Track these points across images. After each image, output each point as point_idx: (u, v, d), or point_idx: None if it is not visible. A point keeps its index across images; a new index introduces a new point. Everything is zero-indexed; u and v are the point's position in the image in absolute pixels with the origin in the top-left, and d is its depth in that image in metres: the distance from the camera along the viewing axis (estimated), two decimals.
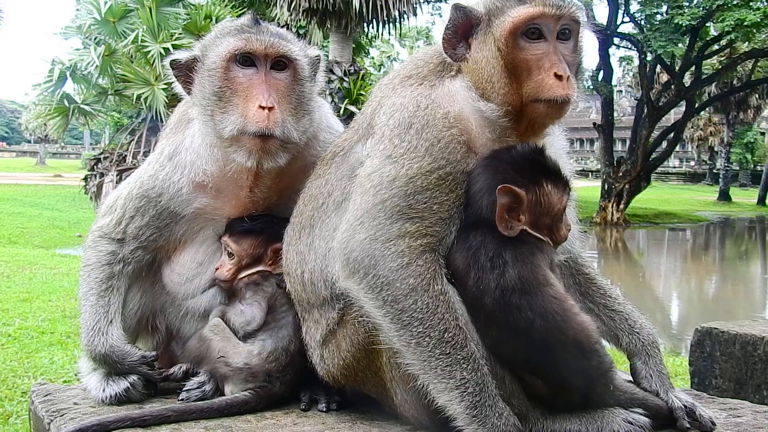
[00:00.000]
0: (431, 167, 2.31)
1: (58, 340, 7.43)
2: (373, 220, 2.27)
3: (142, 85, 18.59)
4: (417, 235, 2.25)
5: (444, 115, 2.40)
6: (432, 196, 2.29)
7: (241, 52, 2.59)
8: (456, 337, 2.18)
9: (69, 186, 32.51)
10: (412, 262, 2.22)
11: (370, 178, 2.34)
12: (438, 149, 2.33)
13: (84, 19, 20.75)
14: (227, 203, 2.81)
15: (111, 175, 19.27)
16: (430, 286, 2.21)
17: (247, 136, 2.55)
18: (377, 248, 2.23)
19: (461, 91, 2.45)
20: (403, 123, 2.39)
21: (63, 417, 2.52)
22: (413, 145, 2.34)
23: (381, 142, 2.41)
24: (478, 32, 2.45)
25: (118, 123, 38.11)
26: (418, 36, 67.21)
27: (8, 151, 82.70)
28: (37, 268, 12.71)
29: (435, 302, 2.19)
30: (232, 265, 2.78)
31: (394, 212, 2.26)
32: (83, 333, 2.73)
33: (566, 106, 2.38)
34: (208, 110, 2.62)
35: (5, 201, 28.50)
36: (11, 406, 5.32)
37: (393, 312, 2.21)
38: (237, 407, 2.54)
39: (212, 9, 19.39)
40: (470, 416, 2.13)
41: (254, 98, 2.54)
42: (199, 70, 2.66)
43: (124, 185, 2.88)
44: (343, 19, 22.55)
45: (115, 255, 2.80)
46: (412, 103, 2.44)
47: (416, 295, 2.19)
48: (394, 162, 2.33)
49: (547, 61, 2.36)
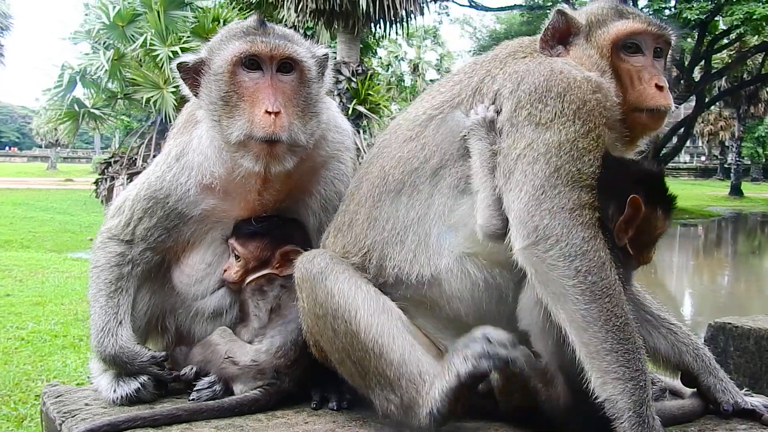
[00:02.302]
0: (585, 129, 2.27)
1: (71, 343, 7.49)
2: (554, 188, 2.20)
3: (151, 88, 18.71)
4: (593, 207, 2.21)
5: (586, 79, 2.37)
6: (595, 157, 2.26)
7: (246, 55, 2.56)
8: (632, 324, 2.13)
9: (80, 190, 32.73)
10: (597, 234, 2.17)
11: (533, 147, 2.26)
12: (585, 111, 2.29)
13: (93, 23, 20.92)
14: (235, 205, 2.80)
15: (121, 178, 19.38)
16: (611, 263, 2.17)
17: (254, 141, 2.53)
18: (566, 217, 2.17)
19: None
20: (540, 87, 2.33)
21: (74, 418, 2.53)
22: (559, 109, 2.29)
23: (520, 110, 2.33)
24: (576, 40, 2.55)
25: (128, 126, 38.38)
26: (426, 35, 67.23)
27: (19, 156, 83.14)
28: (50, 272, 12.80)
29: (617, 281, 2.15)
30: (239, 268, 2.78)
31: (569, 180, 2.21)
32: (93, 334, 2.74)
33: (665, 116, 2.47)
34: (215, 114, 2.61)
35: (17, 206, 28.69)
36: (25, 409, 5.36)
37: (585, 283, 2.11)
38: (247, 406, 2.53)
39: (220, 12, 19.50)
40: (636, 415, 2.05)
41: (261, 103, 2.52)
42: (206, 74, 2.64)
43: (132, 187, 2.88)
44: (351, 20, 22.54)
45: (124, 256, 2.80)
46: (544, 68, 2.39)
47: (606, 270, 2.14)
48: (547, 128, 2.27)
49: (647, 73, 2.48)
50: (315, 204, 2.87)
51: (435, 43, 71.60)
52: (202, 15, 19.39)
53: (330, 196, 2.88)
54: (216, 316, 2.84)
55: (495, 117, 2.38)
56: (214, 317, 2.84)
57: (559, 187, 2.20)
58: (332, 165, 2.90)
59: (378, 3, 21.82)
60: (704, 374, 2.54)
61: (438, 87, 2.66)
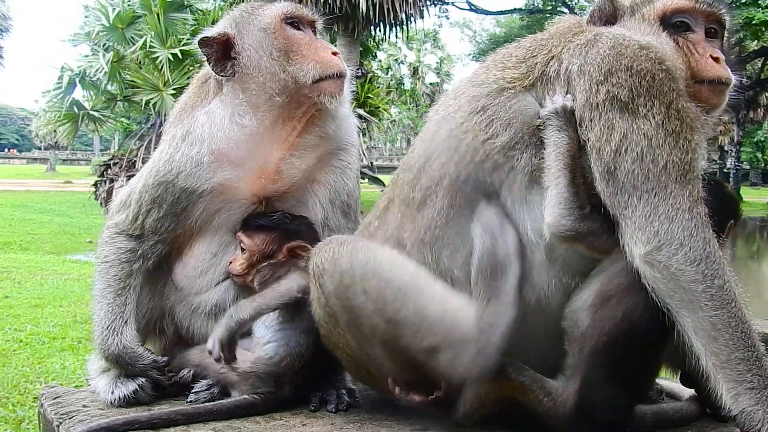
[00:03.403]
0: (683, 105, 2.18)
1: (69, 345, 7.46)
2: (665, 188, 2.10)
3: (150, 90, 18.72)
4: (702, 198, 2.14)
5: (651, 46, 2.25)
6: (699, 140, 2.19)
7: (293, 15, 2.83)
8: (754, 329, 2.07)
9: (79, 192, 32.69)
10: (713, 233, 2.10)
11: (631, 140, 2.13)
12: (676, 83, 2.20)
13: (92, 26, 20.92)
14: (250, 177, 2.77)
15: (121, 180, 19.36)
16: (726, 265, 2.09)
17: (329, 80, 2.74)
18: (685, 218, 2.08)
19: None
20: (607, 59, 2.21)
21: (72, 419, 2.53)
22: (648, 88, 2.16)
23: (597, 87, 2.19)
24: (622, 22, 2.46)
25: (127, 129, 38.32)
26: (425, 39, 67.31)
27: (19, 158, 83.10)
28: (48, 274, 12.77)
29: (733, 283, 2.07)
30: (244, 260, 2.74)
31: (678, 174, 2.11)
32: (97, 331, 2.73)
33: (726, 89, 2.38)
34: (275, 66, 2.73)
35: (16, 207, 28.67)
36: (23, 411, 5.34)
37: (713, 288, 2.03)
38: (245, 410, 2.53)
39: (219, 14, 19.45)
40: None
41: (324, 48, 2.81)
42: (245, 37, 2.77)
43: (136, 179, 2.86)
44: (350, 23, 22.55)
45: (135, 252, 2.78)
46: (607, 39, 2.27)
47: (727, 273, 2.06)
48: (634, 112, 2.15)
49: (700, 47, 2.39)
50: (324, 195, 2.88)
51: (435, 47, 71.69)
52: (202, 17, 19.41)
53: (338, 188, 2.90)
54: (217, 311, 2.80)
55: (573, 107, 2.24)
56: (215, 312, 2.80)
57: (671, 185, 2.11)
58: (342, 156, 2.94)
59: (378, 6, 21.84)
60: (704, 377, 2.52)
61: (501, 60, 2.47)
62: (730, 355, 2.02)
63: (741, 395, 2.01)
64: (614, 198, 2.15)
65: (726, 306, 2.02)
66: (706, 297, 2.03)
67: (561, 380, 2.24)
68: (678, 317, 2.07)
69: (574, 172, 2.22)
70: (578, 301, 2.22)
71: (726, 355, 2.02)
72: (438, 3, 37.09)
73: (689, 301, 2.05)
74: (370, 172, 21.81)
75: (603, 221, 2.20)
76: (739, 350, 2.01)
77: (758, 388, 2.00)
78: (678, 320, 2.07)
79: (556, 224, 2.19)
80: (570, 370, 2.22)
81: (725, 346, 2.02)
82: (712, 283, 2.03)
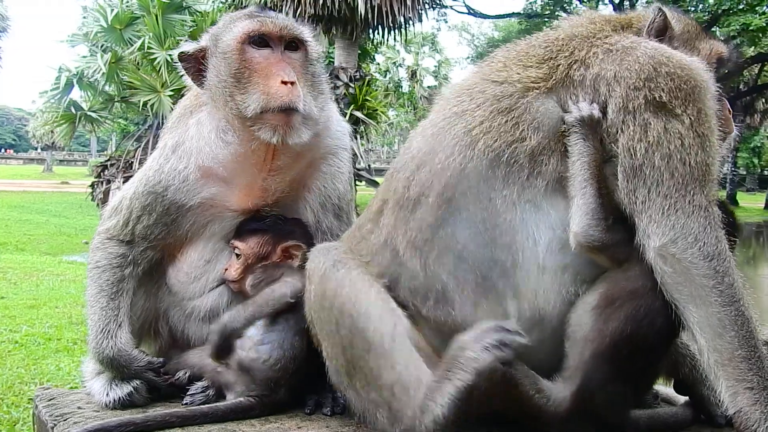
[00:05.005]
0: (711, 113, 2.24)
1: (64, 346, 7.46)
2: (687, 186, 2.14)
3: (148, 92, 18.67)
4: (716, 204, 2.18)
5: (692, 60, 2.31)
6: (719, 147, 2.25)
7: (256, 33, 2.63)
8: (758, 330, 2.09)
9: (76, 193, 32.64)
10: (724, 234, 2.14)
11: (664, 139, 2.17)
12: (699, 92, 2.24)
13: (90, 26, 20.85)
14: (238, 193, 2.78)
15: (118, 181, 19.31)
16: (735, 266, 2.14)
17: (271, 113, 2.56)
18: (702, 215, 2.12)
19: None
20: (648, 67, 2.23)
21: (66, 421, 2.52)
22: (675, 89, 2.20)
23: (635, 93, 2.21)
24: (671, 41, 2.49)
25: (124, 130, 38.24)
26: (424, 42, 67.34)
27: (15, 158, 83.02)
28: (44, 275, 12.76)
29: (741, 284, 2.11)
30: (240, 265, 2.75)
31: (701, 175, 2.16)
32: (91, 335, 2.72)
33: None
34: (226, 92, 2.63)
35: (12, 208, 28.62)
36: (18, 413, 5.34)
37: (723, 284, 2.07)
38: (241, 412, 2.52)
39: (218, 16, 19.44)
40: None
41: (275, 75, 2.57)
42: (212, 56, 2.69)
43: (128, 186, 2.87)
44: (349, 25, 22.55)
45: (125, 257, 2.79)
46: (647, 47, 2.30)
47: (736, 272, 2.11)
48: (669, 114, 2.19)
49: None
50: (314, 200, 2.87)
51: (433, 50, 71.69)
52: (200, 19, 19.36)
53: (329, 193, 2.88)
54: (212, 315, 2.81)
55: (600, 117, 2.24)
56: (209, 317, 2.81)
57: (692, 184, 2.14)
58: (332, 161, 2.91)
59: (376, 9, 21.84)
60: (698, 385, 2.52)
61: (520, 58, 2.44)
62: (733, 352, 2.04)
63: (739, 394, 2.03)
64: (633, 195, 2.18)
65: (734, 304, 2.06)
66: (715, 293, 2.07)
67: (557, 382, 2.23)
68: (685, 312, 2.10)
69: (600, 182, 2.23)
70: (583, 303, 2.23)
71: (729, 352, 2.04)
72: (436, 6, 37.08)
73: (698, 296, 2.08)
74: (368, 175, 21.75)
75: (624, 232, 2.21)
76: (742, 348, 2.04)
77: (757, 389, 2.02)
78: (684, 315, 2.10)
79: (584, 234, 2.20)
80: (569, 372, 2.21)
81: (729, 344, 2.05)
82: (722, 280, 2.07)
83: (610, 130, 2.24)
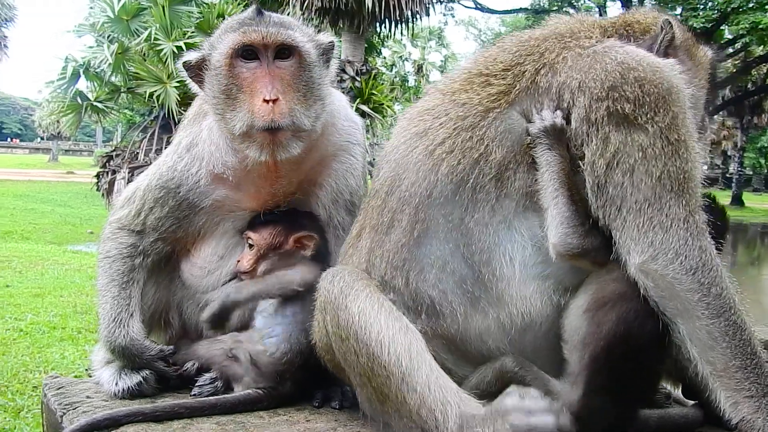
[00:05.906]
0: (671, 116, 2.13)
1: (69, 335, 7.48)
2: (660, 200, 2.08)
3: (154, 82, 18.64)
4: (701, 207, 2.12)
5: (664, 63, 2.22)
6: (691, 146, 2.15)
7: (240, 45, 2.55)
8: (755, 336, 2.06)
9: (81, 183, 32.72)
10: (710, 242, 2.08)
11: (624, 152, 2.10)
12: (667, 97, 2.14)
13: (97, 17, 20.82)
14: (247, 196, 2.79)
15: (123, 172, 19.32)
16: (724, 273, 2.08)
17: (257, 132, 2.52)
18: (681, 227, 2.06)
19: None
20: (614, 74, 2.14)
21: (75, 410, 2.52)
22: (640, 97, 2.12)
23: (597, 104, 2.14)
24: (674, 53, 2.42)
25: (130, 120, 38.20)
26: (431, 36, 67.21)
27: (21, 147, 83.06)
28: (49, 264, 12.80)
29: (734, 291, 2.07)
30: (252, 255, 2.75)
31: (674, 185, 2.09)
32: (103, 324, 2.72)
33: None
34: (218, 108, 2.61)
35: (18, 197, 28.69)
36: (22, 400, 5.35)
37: (710, 296, 2.02)
38: (249, 404, 2.53)
39: (225, 7, 19.38)
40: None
41: (258, 93, 2.51)
42: (208, 69, 2.65)
43: (143, 177, 2.87)
44: (356, 19, 22.55)
45: (136, 247, 2.79)
46: (616, 53, 2.20)
47: (725, 280, 2.05)
48: (631, 126, 2.11)
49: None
50: (326, 197, 2.86)
51: (439, 45, 71.59)
52: (207, 10, 19.31)
53: (341, 189, 2.86)
54: None
55: (564, 124, 2.19)
56: None
57: (666, 196, 2.08)
58: (343, 157, 2.89)
59: (384, 3, 21.84)
60: (705, 389, 2.50)
61: (483, 62, 2.40)
62: (727, 363, 2.02)
63: (740, 403, 2.02)
64: (602, 210, 2.14)
65: (723, 315, 2.02)
66: (701, 306, 2.03)
67: (565, 382, 2.22)
68: (673, 325, 2.06)
69: (571, 189, 2.19)
70: (575, 307, 2.21)
71: (723, 363, 2.02)
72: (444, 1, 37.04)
73: (685, 310, 2.05)
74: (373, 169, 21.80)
75: (602, 235, 2.19)
76: (736, 359, 2.01)
77: (757, 396, 2.00)
78: (673, 328, 2.07)
79: (563, 243, 2.17)
80: (573, 377, 2.20)
81: (722, 355, 2.02)
82: (708, 292, 2.03)
83: (575, 140, 2.20)
